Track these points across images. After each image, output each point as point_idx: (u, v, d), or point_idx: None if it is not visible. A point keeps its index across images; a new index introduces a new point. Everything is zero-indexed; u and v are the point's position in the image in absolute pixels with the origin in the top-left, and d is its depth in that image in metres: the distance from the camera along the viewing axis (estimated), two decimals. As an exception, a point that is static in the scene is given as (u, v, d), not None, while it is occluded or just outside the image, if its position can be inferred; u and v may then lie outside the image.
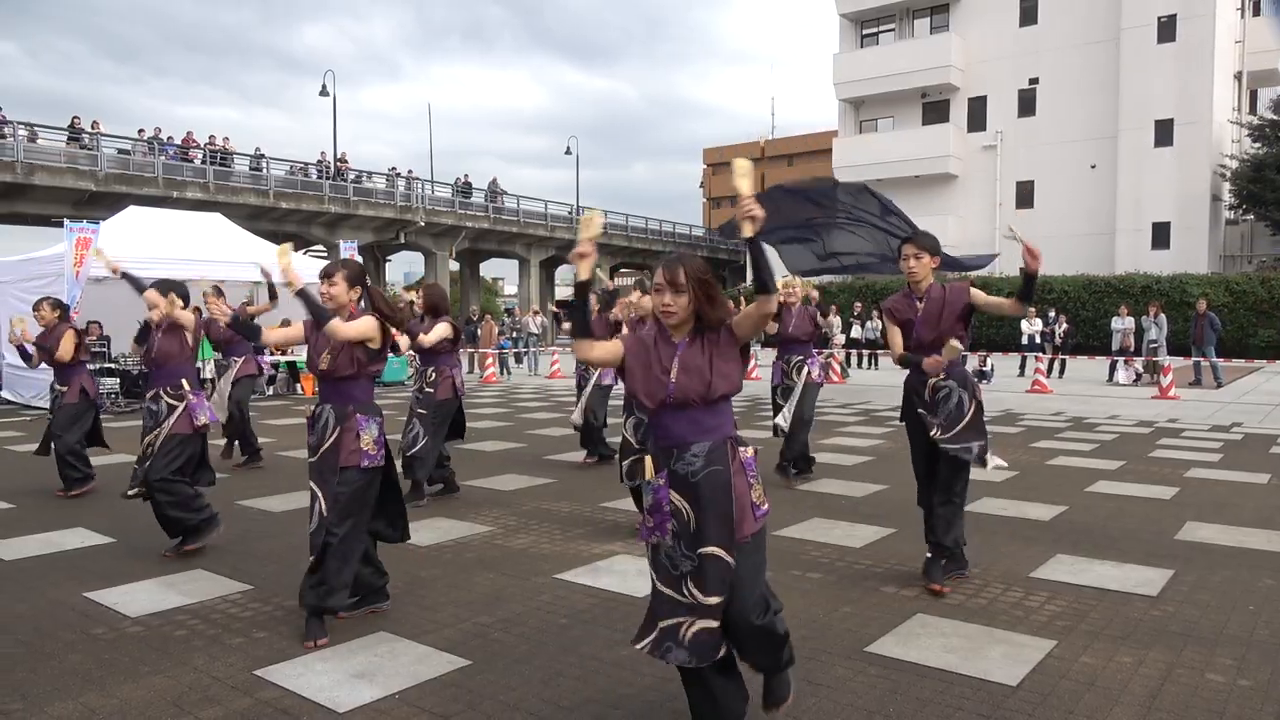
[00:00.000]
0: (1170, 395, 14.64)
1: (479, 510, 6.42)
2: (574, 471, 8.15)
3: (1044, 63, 34.15)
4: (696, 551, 2.63)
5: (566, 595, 4.45)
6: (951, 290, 4.51)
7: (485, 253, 42.13)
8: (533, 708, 3.17)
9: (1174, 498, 6.76)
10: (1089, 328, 25.15)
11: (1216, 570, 4.81)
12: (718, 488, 2.64)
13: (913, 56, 36.06)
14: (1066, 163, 33.76)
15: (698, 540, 2.64)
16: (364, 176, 33.58)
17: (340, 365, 3.93)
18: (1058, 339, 19.87)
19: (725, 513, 2.63)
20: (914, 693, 3.27)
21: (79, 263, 12.30)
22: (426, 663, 3.58)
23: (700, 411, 2.68)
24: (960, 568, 4.62)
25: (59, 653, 3.71)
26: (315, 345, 3.99)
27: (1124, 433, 10.61)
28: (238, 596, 4.45)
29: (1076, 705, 3.16)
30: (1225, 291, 25.48)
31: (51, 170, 24.32)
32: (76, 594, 4.49)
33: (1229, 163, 31.34)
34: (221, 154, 28.34)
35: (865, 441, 9.87)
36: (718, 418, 2.71)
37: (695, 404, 2.66)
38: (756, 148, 66.51)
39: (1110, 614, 4.12)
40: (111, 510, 6.43)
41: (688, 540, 2.65)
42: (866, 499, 6.75)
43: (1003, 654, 3.62)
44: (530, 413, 13.12)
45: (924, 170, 35.92)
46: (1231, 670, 3.47)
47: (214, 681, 3.41)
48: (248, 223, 22.61)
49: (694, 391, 2.65)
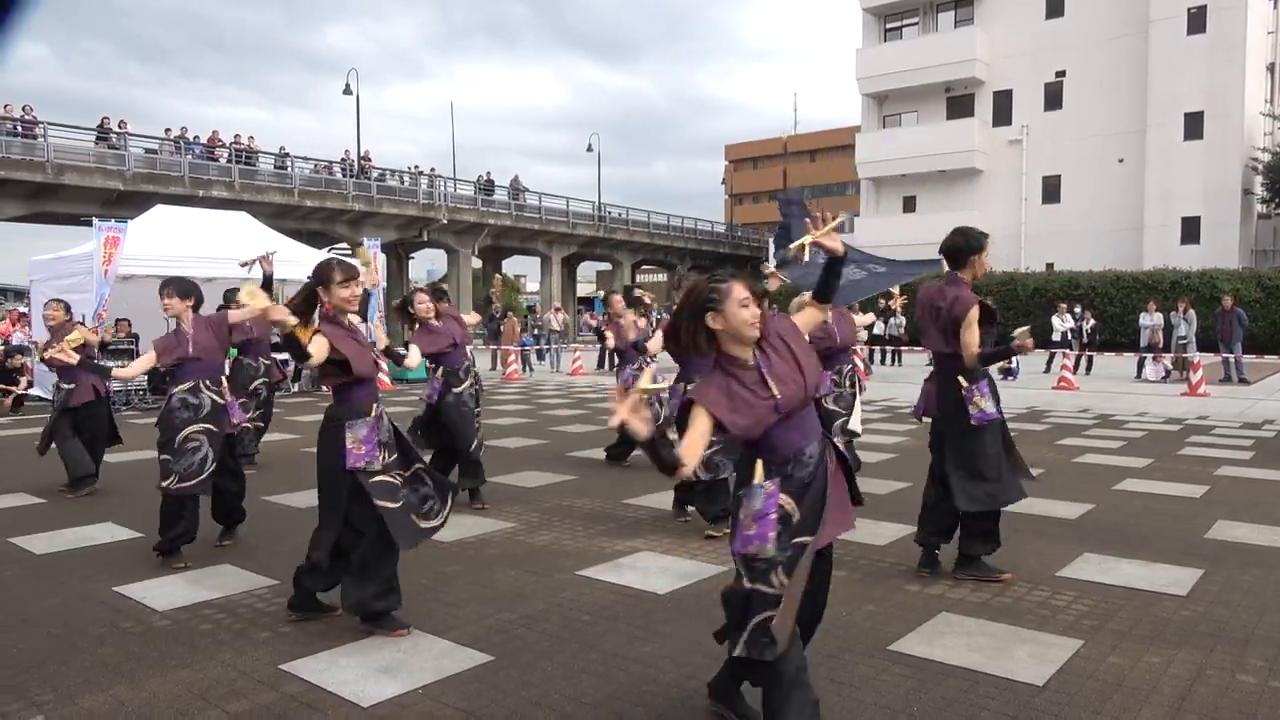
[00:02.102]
0: (1200, 392, 14.43)
1: (501, 507, 6.44)
2: (596, 468, 8.15)
3: (1070, 56, 33.72)
4: (791, 542, 2.65)
5: (589, 592, 4.45)
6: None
7: (507, 250, 42.26)
8: (555, 704, 3.17)
9: (1204, 496, 6.66)
10: (1117, 324, 24.83)
11: (1248, 569, 4.74)
12: (824, 483, 2.71)
13: (936, 50, 35.75)
14: (1093, 157, 33.34)
15: (795, 532, 2.66)
16: (387, 175, 33.79)
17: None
18: (1085, 335, 19.65)
19: (823, 504, 2.69)
20: (938, 692, 3.24)
21: (108, 261, 12.45)
22: (450, 658, 3.59)
23: (805, 414, 2.73)
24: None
25: (89, 646, 3.77)
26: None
27: (1153, 430, 10.48)
28: (263, 591, 4.49)
29: (1104, 706, 3.12)
30: (1257, 287, 25.05)
31: (81, 170, 24.66)
32: (105, 588, 4.55)
33: (1261, 156, 30.82)
34: (247, 153, 28.61)
35: (889, 439, 9.81)
36: (814, 415, 2.78)
37: (799, 408, 2.70)
38: (779, 144, 66.33)
39: (1139, 613, 4.07)
40: (139, 506, 6.51)
41: (787, 534, 2.66)
42: (890, 496, 6.70)
43: (1029, 653, 3.59)
44: (552, 409, 13.15)
45: (948, 165, 35.62)
46: (1263, 671, 3.42)
47: (240, 675, 3.44)
48: (273, 221, 22.80)
49: (797, 396, 2.67)
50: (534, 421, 11.76)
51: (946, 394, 4.57)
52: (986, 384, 4.51)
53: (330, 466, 3.89)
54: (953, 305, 4.44)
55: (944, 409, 4.60)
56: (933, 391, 4.69)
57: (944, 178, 36.08)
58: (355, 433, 3.86)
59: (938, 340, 4.58)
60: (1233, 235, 30.98)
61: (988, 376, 4.55)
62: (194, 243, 14.10)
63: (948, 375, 4.56)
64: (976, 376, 4.50)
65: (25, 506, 6.60)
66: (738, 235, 53.24)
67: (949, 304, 4.46)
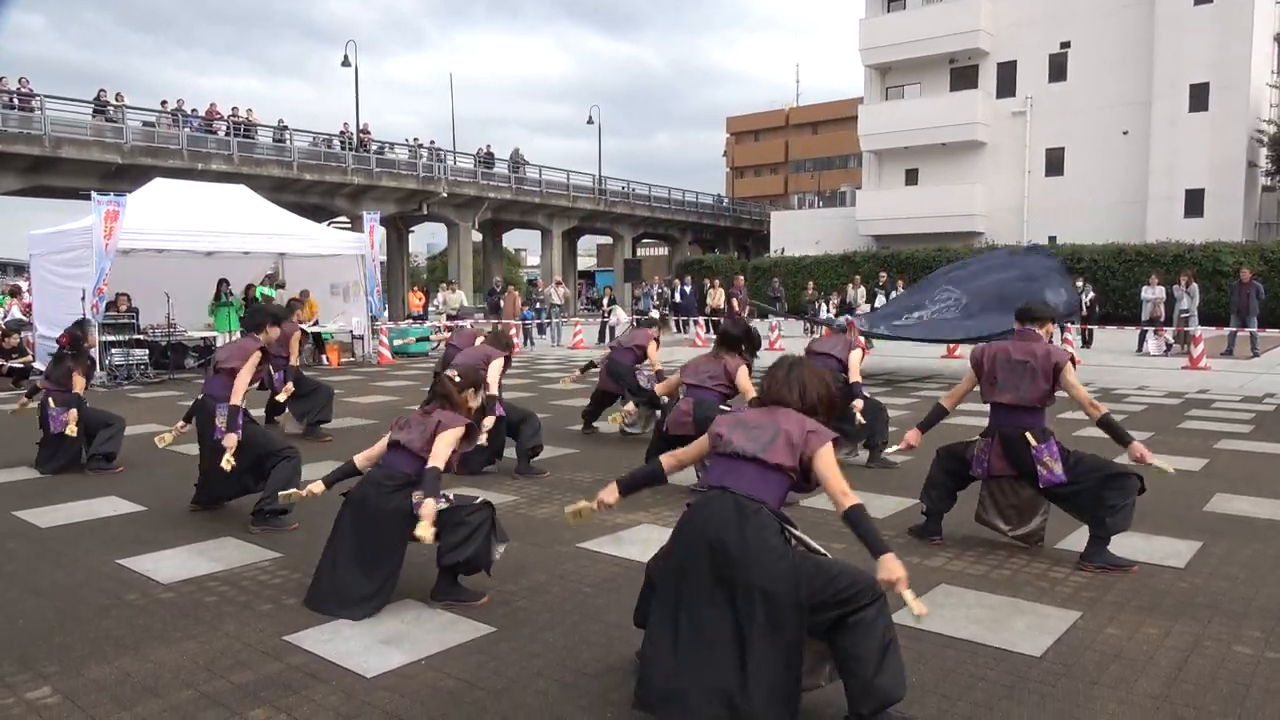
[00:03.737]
0: (1201, 366, 14.43)
1: (502, 480, 6.46)
2: (597, 441, 8.18)
3: (1076, 26, 33.35)
4: None
5: (590, 564, 4.48)
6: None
7: (508, 223, 42.08)
8: (556, 674, 3.20)
9: (1203, 469, 6.68)
10: (1119, 297, 24.76)
11: (1246, 542, 4.76)
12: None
13: (940, 21, 35.36)
14: (1098, 129, 33.08)
15: None
16: (386, 148, 33.58)
17: None
18: (1084, 309, 19.58)
19: None
20: (937, 662, 3.27)
21: (108, 235, 12.41)
22: (452, 629, 3.62)
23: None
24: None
25: (94, 618, 3.80)
26: None
27: (1153, 404, 10.48)
28: (267, 564, 4.52)
29: (1101, 676, 3.15)
30: (1260, 260, 24.92)
31: (78, 143, 24.49)
32: (110, 561, 4.58)
33: (1266, 128, 30.57)
34: (245, 126, 28.42)
35: (889, 412, 9.80)
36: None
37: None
38: (781, 116, 65.85)
39: (1137, 585, 4.09)
40: (143, 479, 6.54)
41: None
42: (891, 469, 6.72)
43: (1027, 624, 3.61)
44: (553, 383, 13.16)
45: (951, 138, 35.36)
46: (1259, 642, 3.44)
47: (245, 647, 3.47)
48: (272, 194, 22.67)
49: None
50: (535, 395, 11.78)
51: (1013, 452, 4.47)
52: (1054, 444, 4.41)
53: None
54: (1047, 356, 4.41)
55: (1013, 468, 4.49)
56: (995, 448, 4.54)
57: (946, 150, 35.82)
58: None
59: (1011, 393, 4.46)
60: (1237, 208, 30.79)
61: (1052, 436, 4.46)
62: (193, 216, 14.06)
63: (1014, 433, 4.46)
64: (1044, 435, 4.43)
65: (29, 481, 6.63)
66: (739, 209, 52.97)
67: (1039, 356, 4.42)
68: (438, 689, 3.11)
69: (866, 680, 2.64)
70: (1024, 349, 4.51)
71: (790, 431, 2.81)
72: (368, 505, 3.88)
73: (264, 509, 5.12)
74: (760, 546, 2.65)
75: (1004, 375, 4.51)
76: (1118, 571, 4.27)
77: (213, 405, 5.43)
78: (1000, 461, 4.52)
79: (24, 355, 13.45)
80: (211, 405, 5.44)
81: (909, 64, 36.84)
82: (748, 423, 2.89)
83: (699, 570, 2.69)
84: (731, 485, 2.77)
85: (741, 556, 2.64)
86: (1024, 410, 4.45)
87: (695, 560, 2.71)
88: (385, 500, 3.85)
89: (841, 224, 38.95)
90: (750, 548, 2.64)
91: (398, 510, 3.81)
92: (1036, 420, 4.45)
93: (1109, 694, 3.02)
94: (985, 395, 4.61)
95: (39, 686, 3.15)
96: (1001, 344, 4.64)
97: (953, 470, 4.76)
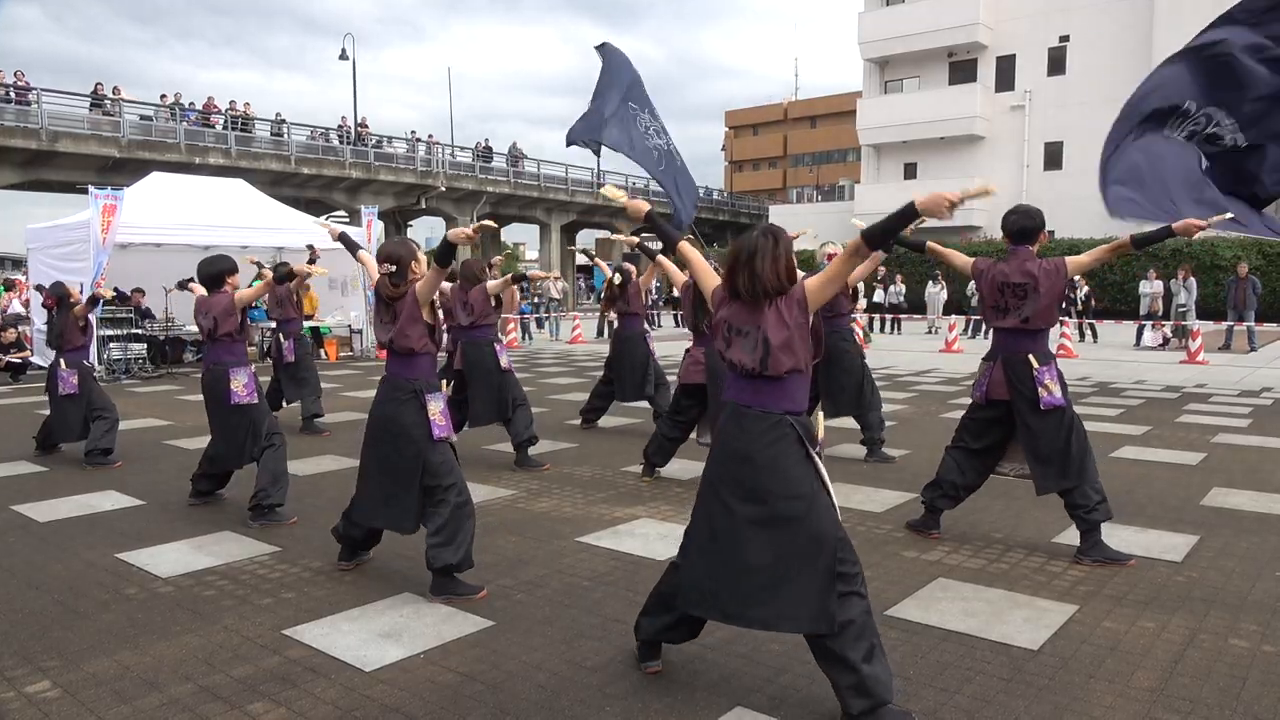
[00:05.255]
0: (1199, 360, 14.44)
1: (501, 474, 6.47)
2: (595, 436, 8.18)
3: (1075, 20, 33.30)
4: None
5: (588, 558, 4.49)
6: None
7: (506, 217, 41.99)
8: (555, 668, 3.21)
9: (1200, 463, 6.69)
10: (1117, 291, 24.79)
11: (1242, 536, 4.77)
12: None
13: (939, 14, 35.27)
14: (1097, 123, 32.45)
15: None
16: (385, 141, 33.50)
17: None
18: (1079, 303, 19.59)
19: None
20: (934, 656, 3.28)
21: (106, 229, 12.39)
22: (451, 623, 3.63)
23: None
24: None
25: (93, 612, 3.80)
26: None
27: (1150, 398, 10.50)
28: (265, 558, 4.53)
29: (1098, 670, 3.16)
30: (1258, 254, 24.97)
31: (75, 137, 24.42)
32: (109, 555, 4.59)
33: (1265, 122, 30.55)
34: (243, 120, 28.35)
35: (887, 407, 9.81)
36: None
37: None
38: (780, 110, 65.73)
39: (1134, 579, 4.10)
40: (141, 474, 6.55)
41: None
42: (888, 464, 6.73)
43: (1024, 618, 3.62)
44: (551, 377, 13.17)
45: (950, 132, 35.32)
46: (1256, 636, 3.45)
47: (244, 640, 3.48)
48: (270, 188, 22.65)
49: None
50: (533, 390, 11.77)
51: (1015, 375, 4.46)
52: (1055, 368, 4.43)
53: (418, 437, 3.96)
54: (1055, 271, 4.35)
55: (1012, 392, 4.48)
56: (997, 372, 4.55)
57: (945, 144, 35.78)
58: (436, 404, 4.00)
59: (1015, 315, 4.43)
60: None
61: (1054, 359, 4.48)
62: (191, 210, 14.03)
63: (1017, 355, 4.46)
64: (1046, 358, 4.43)
65: (27, 475, 6.63)
66: (738, 203, 52.90)
67: (1045, 273, 4.34)
68: (436, 682, 3.11)
69: (860, 679, 2.68)
70: (1021, 270, 4.42)
71: (774, 327, 2.81)
72: (386, 423, 4.02)
73: (261, 504, 5.13)
74: (786, 460, 2.78)
75: (1004, 300, 4.49)
76: (1115, 565, 4.28)
77: (223, 371, 5.36)
78: (1000, 386, 4.52)
79: (22, 350, 13.44)
80: (222, 372, 5.36)
81: (908, 57, 36.77)
82: (736, 325, 2.88)
83: (728, 483, 2.83)
84: (750, 401, 2.86)
85: (768, 467, 2.78)
86: (1027, 334, 4.46)
87: (725, 473, 2.86)
88: (400, 413, 3.98)
89: (840, 218, 38.93)
90: (777, 462, 2.79)
91: (413, 424, 3.95)
92: (1040, 344, 4.47)
93: (1106, 687, 3.03)
94: (986, 320, 4.66)
95: (38, 680, 3.15)
96: (1000, 266, 4.51)
97: (961, 445, 4.72)
